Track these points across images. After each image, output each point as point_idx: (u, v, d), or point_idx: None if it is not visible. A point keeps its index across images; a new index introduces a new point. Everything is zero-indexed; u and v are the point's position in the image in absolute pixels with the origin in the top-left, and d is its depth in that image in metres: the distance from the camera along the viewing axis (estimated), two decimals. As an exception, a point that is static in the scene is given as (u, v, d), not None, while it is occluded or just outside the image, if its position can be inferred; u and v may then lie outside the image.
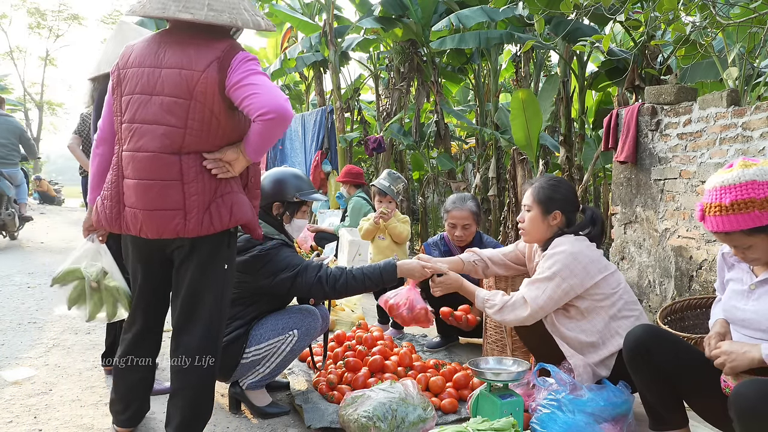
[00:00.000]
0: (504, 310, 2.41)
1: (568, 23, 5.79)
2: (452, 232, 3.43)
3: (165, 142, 1.96)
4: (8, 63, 26.03)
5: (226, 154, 2.00)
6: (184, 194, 1.97)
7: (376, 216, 3.87)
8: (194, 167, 1.98)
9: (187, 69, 1.95)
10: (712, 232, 1.81)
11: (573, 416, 2.12)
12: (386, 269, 2.54)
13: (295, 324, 2.53)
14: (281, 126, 1.92)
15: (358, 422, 2.15)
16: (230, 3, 2.00)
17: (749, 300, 1.85)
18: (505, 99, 10.00)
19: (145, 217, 1.99)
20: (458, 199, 3.47)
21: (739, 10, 4.21)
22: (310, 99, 12.40)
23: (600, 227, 2.52)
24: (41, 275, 5.84)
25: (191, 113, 1.95)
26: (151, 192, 1.97)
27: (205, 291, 2.08)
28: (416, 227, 8.84)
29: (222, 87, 1.94)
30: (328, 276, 2.47)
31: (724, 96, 3.30)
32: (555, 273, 2.33)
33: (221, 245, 2.08)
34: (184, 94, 1.95)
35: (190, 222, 1.97)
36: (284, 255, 2.51)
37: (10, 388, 2.85)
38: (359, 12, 8.63)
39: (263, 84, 1.92)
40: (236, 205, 2.05)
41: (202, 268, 2.06)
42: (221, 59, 1.95)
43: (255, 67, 1.98)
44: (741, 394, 1.62)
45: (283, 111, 1.87)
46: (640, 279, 3.94)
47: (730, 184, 1.74)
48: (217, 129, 1.98)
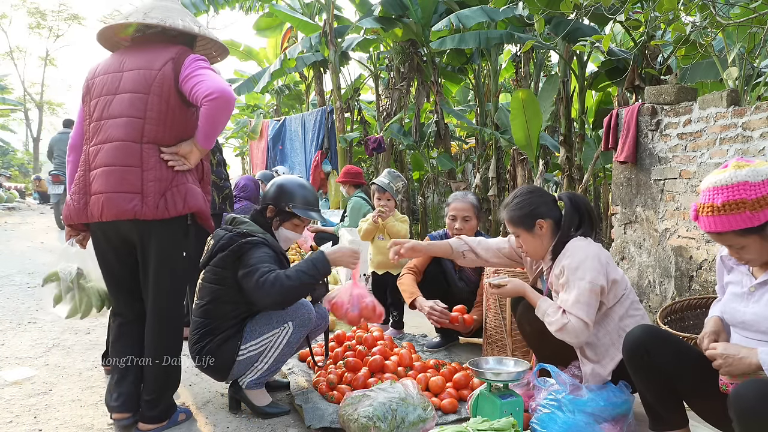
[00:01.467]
0: (564, 332, 2.25)
1: (568, 23, 5.79)
2: (452, 225, 3.44)
3: (127, 131, 2.22)
4: (8, 63, 26.06)
5: (182, 148, 2.28)
6: (142, 179, 2.21)
7: (374, 214, 3.87)
8: (153, 157, 2.23)
9: (145, 68, 2.26)
10: (705, 232, 1.82)
11: (573, 416, 2.12)
12: (317, 258, 2.48)
13: (289, 316, 2.51)
14: (225, 107, 2.16)
15: (358, 422, 2.15)
16: (169, 14, 2.34)
17: (749, 302, 1.85)
18: (505, 99, 10.01)
19: (106, 200, 2.21)
20: (460, 193, 3.57)
21: (739, 10, 4.21)
22: (310, 99, 12.41)
23: (586, 212, 2.45)
24: (41, 275, 5.83)
25: (149, 105, 2.22)
26: (113, 176, 2.21)
27: (166, 275, 2.31)
28: (416, 227, 8.84)
29: (176, 82, 2.23)
30: (266, 280, 2.34)
31: (724, 96, 3.30)
32: (589, 282, 2.25)
33: (178, 233, 2.31)
34: (143, 89, 2.23)
35: (147, 205, 2.20)
36: (254, 253, 2.44)
37: (10, 388, 2.86)
38: (359, 12, 8.63)
39: (208, 74, 2.20)
40: (189, 193, 2.28)
41: (162, 254, 2.29)
42: (175, 59, 2.25)
43: (204, 64, 2.26)
44: (740, 395, 1.62)
45: (226, 92, 2.14)
46: (640, 279, 3.94)
47: (722, 185, 1.74)
48: (173, 121, 2.25)
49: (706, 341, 1.89)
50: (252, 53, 12.26)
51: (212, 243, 2.55)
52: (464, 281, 3.45)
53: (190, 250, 2.39)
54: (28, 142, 29.51)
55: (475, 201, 3.51)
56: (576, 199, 2.48)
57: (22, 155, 26.04)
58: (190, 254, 2.40)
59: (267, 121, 12.01)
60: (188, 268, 2.42)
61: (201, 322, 2.51)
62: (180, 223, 2.30)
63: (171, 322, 2.38)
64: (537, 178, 6.07)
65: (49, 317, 4.22)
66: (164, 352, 2.35)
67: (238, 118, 15.29)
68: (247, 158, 13.98)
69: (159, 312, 2.34)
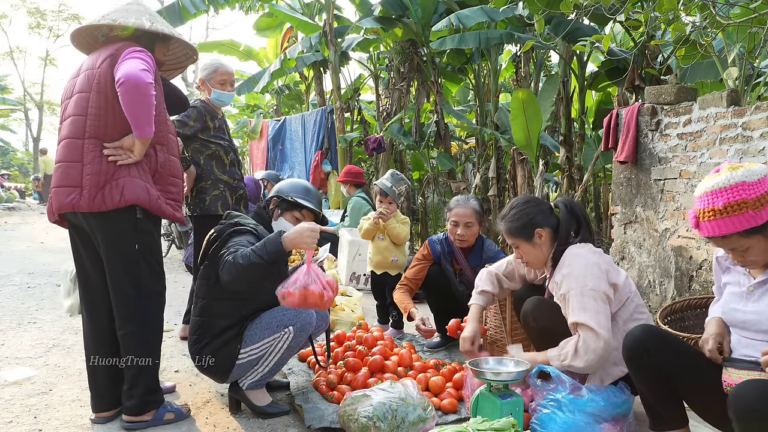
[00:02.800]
0: (579, 353, 2.19)
1: (568, 23, 5.79)
2: (454, 231, 3.41)
3: (72, 129, 2.35)
4: (8, 63, 26.07)
5: (125, 141, 2.34)
6: (82, 173, 2.31)
7: (375, 216, 3.86)
8: (93, 151, 2.32)
9: (89, 69, 2.38)
10: (707, 238, 1.80)
11: (573, 416, 2.12)
12: (269, 238, 2.29)
13: (290, 320, 2.51)
14: (135, 92, 2.17)
15: (358, 422, 2.15)
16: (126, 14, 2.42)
17: (749, 302, 1.85)
18: (505, 99, 10.00)
19: (53, 194, 2.38)
20: (461, 198, 3.48)
21: (739, 10, 4.21)
22: (310, 99, 12.40)
23: (582, 218, 2.46)
24: (41, 275, 5.84)
25: (91, 102, 2.33)
26: (59, 171, 2.36)
27: (118, 268, 2.37)
28: (416, 227, 8.84)
29: (113, 75, 2.26)
30: (225, 260, 2.27)
31: (724, 96, 3.30)
32: (592, 289, 2.23)
33: (124, 225, 2.36)
34: (86, 88, 2.35)
35: (84, 198, 2.29)
36: (234, 238, 2.40)
37: (10, 388, 2.86)
38: (359, 12, 8.63)
39: (129, 62, 2.23)
40: (128, 187, 2.32)
41: (109, 246, 2.36)
42: (113, 55, 2.32)
43: (135, 53, 2.29)
44: (739, 395, 1.62)
45: (133, 77, 2.15)
46: (640, 279, 3.94)
47: (720, 188, 1.74)
48: (113, 116, 2.31)
49: (712, 342, 1.87)
50: (252, 53, 12.24)
51: (207, 240, 2.54)
52: (464, 284, 3.44)
53: (147, 243, 2.42)
54: (28, 142, 29.51)
55: (478, 206, 3.42)
56: (572, 205, 2.49)
57: (22, 155, 26.04)
58: (151, 246, 2.45)
59: (267, 121, 12.01)
60: (146, 260, 2.42)
61: (199, 320, 2.52)
62: (125, 215, 2.34)
63: (131, 317, 2.39)
64: (537, 178, 6.07)
65: (49, 317, 4.22)
66: (128, 348, 2.39)
67: (238, 118, 15.28)
68: (247, 158, 13.97)
69: (119, 307, 2.39)
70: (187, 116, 3.28)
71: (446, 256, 3.50)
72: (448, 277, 3.48)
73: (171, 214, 2.48)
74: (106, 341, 2.45)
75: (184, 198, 2.63)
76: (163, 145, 2.48)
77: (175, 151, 2.59)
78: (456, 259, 3.48)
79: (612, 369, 2.32)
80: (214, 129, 3.39)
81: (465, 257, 3.45)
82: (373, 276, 4.00)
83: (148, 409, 2.42)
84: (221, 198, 3.38)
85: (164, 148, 2.48)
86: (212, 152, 3.39)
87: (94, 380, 2.47)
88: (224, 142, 3.44)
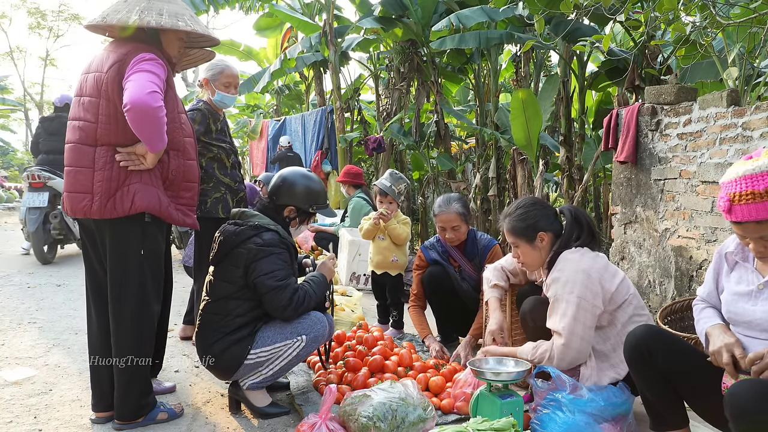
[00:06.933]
0: (550, 360, 2.29)
1: (568, 23, 5.79)
2: (443, 235, 3.40)
3: (81, 135, 2.33)
4: (8, 63, 26.05)
5: (138, 148, 2.31)
6: (93, 180, 2.30)
7: (375, 216, 3.86)
8: (104, 158, 2.30)
9: (98, 72, 2.33)
10: (740, 222, 1.72)
11: (573, 416, 2.12)
12: (321, 282, 2.67)
13: (304, 330, 2.52)
14: (141, 119, 2.15)
15: (358, 422, 2.15)
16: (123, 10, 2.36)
17: (758, 300, 1.81)
18: (505, 99, 10.00)
19: (65, 198, 2.38)
20: (443, 201, 3.37)
21: (739, 10, 4.21)
22: (310, 99, 12.41)
23: (586, 225, 2.45)
24: (41, 275, 5.84)
25: (101, 109, 2.30)
26: (70, 176, 2.36)
27: (122, 273, 2.36)
28: (416, 227, 8.83)
29: (121, 86, 2.24)
30: (298, 298, 2.48)
31: (724, 96, 3.30)
32: (578, 296, 2.25)
33: (133, 231, 2.36)
34: (96, 93, 2.32)
35: (95, 204, 2.29)
36: (279, 260, 2.50)
37: (10, 388, 2.86)
38: (359, 12, 8.64)
39: (137, 80, 2.17)
40: (139, 194, 2.32)
41: (116, 252, 2.36)
42: (122, 61, 2.28)
43: (144, 65, 2.24)
44: (734, 395, 1.62)
45: (139, 103, 2.12)
46: (640, 279, 3.94)
47: (762, 171, 1.68)
48: (124, 124, 2.24)
49: (726, 356, 1.78)
50: (252, 53, 12.25)
51: (221, 239, 2.54)
52: (467, 281, 3.44)
53: (152, 248, 2.44)
54: (28, 142, 29.47)
55: (460, 207, 3.33)
56: (577, 212, 2.49)
57: (22, 155, 26.00)
58: (156, 252, 2.47)
59: (267, 121, 12.02)
60: (150, 267, 2.44)
61: (209, 318, 2.51)
62: (134, 221, 2.35)
63: (128, 321, 2.39)
64: (537, 178, 6.06)
65: (49, 317, 4.22)
66: (123, 351, 2.38)
67: (238, 118, 15.29)
68: (247, 158, 13.97)
69: (116, 310, 2.38)
70: (191, 119, 3.26)
71: (443, 256, 3.50)
72: (451, 275, 3.48)
73: (181, 220, 2.49)
74: (110, 341, 2.43)
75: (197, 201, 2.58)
76: (178, 150, 2.46)
77: (192, 154, 2.56)
78: (453, 257, 3.49)
79: (608, 371, 2.32)
80: (216, 131, 3.37)
81: (461, 252, 3.47)
82: (374, 276, 4.00)
83: (140, 414, 2.43)
84: (222, 201, 3.37)
85: (179, 153, 2.46)
86: (214, 155, 3.37)
87: (96, 380, 2.47)
88: (226, 145, 3.43)
